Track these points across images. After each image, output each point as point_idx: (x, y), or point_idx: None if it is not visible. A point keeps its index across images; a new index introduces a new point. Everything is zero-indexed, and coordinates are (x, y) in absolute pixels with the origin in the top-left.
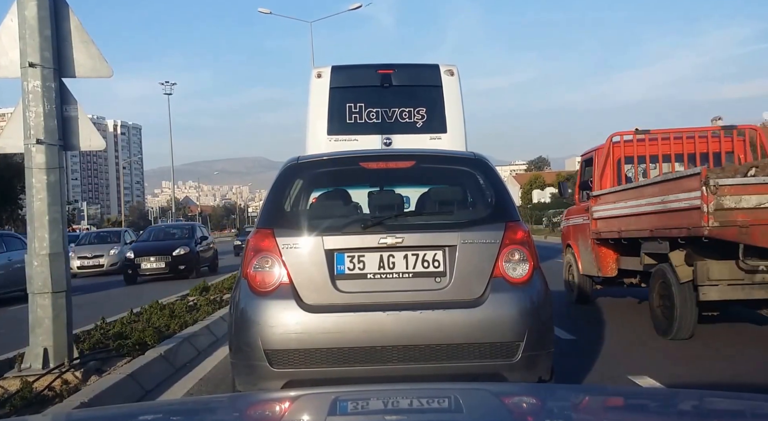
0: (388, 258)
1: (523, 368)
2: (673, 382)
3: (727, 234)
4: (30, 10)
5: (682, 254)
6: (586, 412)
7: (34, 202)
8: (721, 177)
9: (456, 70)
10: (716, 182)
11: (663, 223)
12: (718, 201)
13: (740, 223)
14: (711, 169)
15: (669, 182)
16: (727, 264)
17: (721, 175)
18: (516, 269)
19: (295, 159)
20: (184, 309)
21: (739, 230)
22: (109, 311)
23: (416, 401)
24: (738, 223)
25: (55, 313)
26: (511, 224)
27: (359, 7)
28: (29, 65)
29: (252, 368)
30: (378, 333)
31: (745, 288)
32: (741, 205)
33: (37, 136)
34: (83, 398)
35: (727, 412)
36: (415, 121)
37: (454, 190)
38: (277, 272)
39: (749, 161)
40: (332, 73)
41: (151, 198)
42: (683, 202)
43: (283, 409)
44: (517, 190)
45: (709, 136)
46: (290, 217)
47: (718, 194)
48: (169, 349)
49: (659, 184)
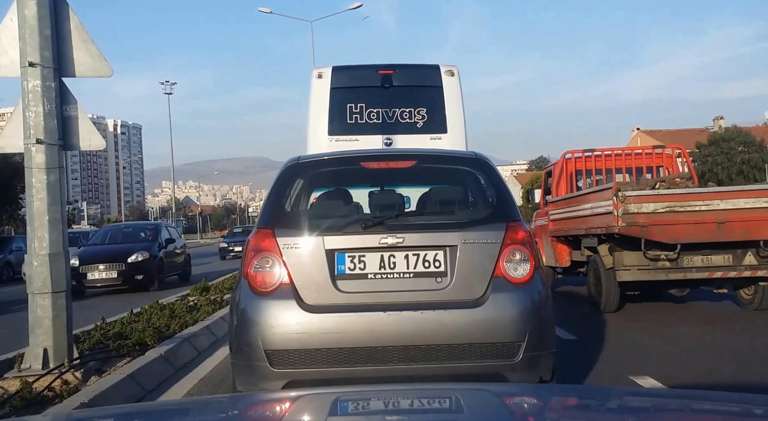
0: (389, 258)
1: (524, 369)
2: (673, 382)
3: (632, 232)
4: (30, 9)
5: (606, 246)
6: (587, 412)
7: (34, 202)
8: (629, 190)
9: (456, 70)
10: (623, 194)
11: (592, 223)
12: (625, 207)
13: (641, 223)
14: (623, 183)
15: (595, 193)
16: (636, 254)
17: (629, 188)
18: (517, 269)
19: (295, 159)
20: (185, 309)
21: (640, 228)
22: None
23: (417, 401)
24: (639, 223)
25: (55, 313)
26: (512, 224)
27: (359, 6)
28: (29, 65)
29: (252, 368)
30: (379, 333)
31: (650, 272)
32: (641, 210)
33: (36, 136)
34: (83, 399)
35: (727, 412)
36: (416, 121)
37: (455, 190)
38: (277, 272)
39: (664, 175)
40: (333, 74)
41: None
42: (603, 208)
43: (284, 409)
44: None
45: (644, 153)
46: (291, 217)
47: (625, 202)
48: (169, 349)
49: (590, 194)
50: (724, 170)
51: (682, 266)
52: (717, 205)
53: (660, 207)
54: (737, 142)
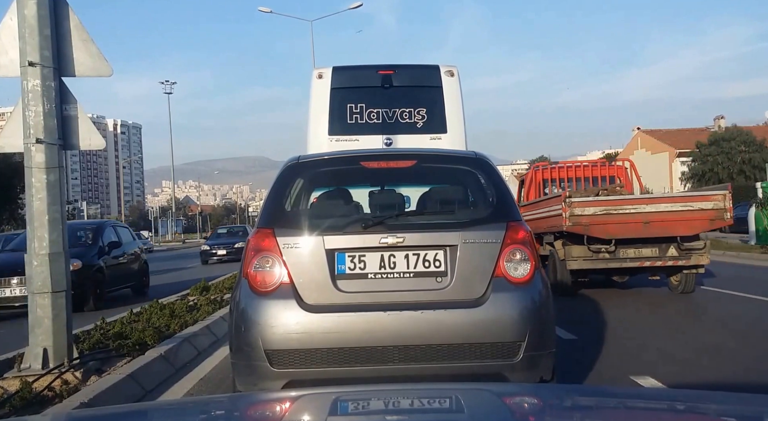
0: (389, 258)
1: (524, 368)
2: (673, 382)
3: (576, 230)
4: (30, 9)
5: (560, 242)
6: (587, 412)
7: (34, 202)
8: (575, 196)
9: (456, 70)
10: (570, 200)
11: (549, 223)
12: (571, 211)
13: (584, 223)
14: (573, 191)
15: (551, 199)
16: (582, 247)
17: (577, 195)
18: (517, 269)
19: (295, 158)
20: (185, 309)
21: (583, 227)
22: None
23: (417, 401)
24: (582, 223)
25: (54, 313)
26: (513, 224)
27: (359, 5)
28: (29, 64)
29: (252, 368)
30: (379, 333)
31: (594, 262)
32: (584, 213)
33: (36, 136)
34: (83, 399)
35: (727, 412)
36: (416, 121)
37: (455, 189)
38: (277, 271)
39: (607, 185)
40: (333, 74)
41: (151, 198)
42: (555, 211)
43: (284, 409)
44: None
45: (599, 165)
46: (291, 216)
47: (571, 207)
48: (169, 349)
49: (547, 200)
50: (725, 170)
51: (619, 257)
52: (643, 208)
53: (599, 210)
54: (738, 142)
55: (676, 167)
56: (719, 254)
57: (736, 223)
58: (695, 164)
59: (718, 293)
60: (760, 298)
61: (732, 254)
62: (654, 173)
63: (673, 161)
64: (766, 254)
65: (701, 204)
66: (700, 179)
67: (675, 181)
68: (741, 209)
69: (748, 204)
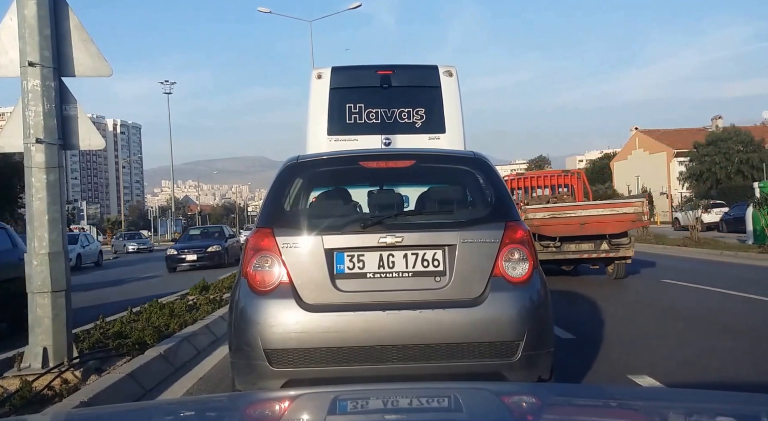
0: (388, 257)
1: (522, 368)
2: (673, 382)
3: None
4: (29, 9)
5: None
6: (585, 412)
7: (34, 202)
8: (530, 203)
9: (455, 71)
10: (525, 207)
11: None
12: (527, 215)
13: (536, 224)
14: (530, 198)
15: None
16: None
17: (531, 202)
18: (516, 269)
19: (294, 158)
20: (184, 308)
21: (535, 227)
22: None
23: (416, 400)
24: (535, 224)
25: (54, 312)
26: (511, 224)
27: (359, 6)
28: (29, 64)
29: (252, 367)
30: (378, 332)
31: (546, 254)
32: (536, 216)
33: (36, 136)
34: (83, 398)
35: (726, 412)
36: (414, 121)
37: (453, 189)
38: (276, 271)
39: (557, 193)
40: (332, 74)
41: (150, 197)
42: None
43: (283, 408)
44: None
45: (557, 175)
46: (290, 216)
47: (526, 212)
48: (168, 348)
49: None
50: (722, 170)
51: (563, 251)
52: (580, 213)
53: (547, 215)
54: (735, 142)
55: (674, 167)
56: (717, 253)
57: (733, 223)
58: (693, 164)
59: (720, 293)
60: (760, 298)
61: (729, 253)
62: (652, 173)
63: (670, 161)
64: (763, 253)
65: (624, 209)
66: (698, 179)
67: (673, 181)
68: (738, 209)
69: (745, 204)
